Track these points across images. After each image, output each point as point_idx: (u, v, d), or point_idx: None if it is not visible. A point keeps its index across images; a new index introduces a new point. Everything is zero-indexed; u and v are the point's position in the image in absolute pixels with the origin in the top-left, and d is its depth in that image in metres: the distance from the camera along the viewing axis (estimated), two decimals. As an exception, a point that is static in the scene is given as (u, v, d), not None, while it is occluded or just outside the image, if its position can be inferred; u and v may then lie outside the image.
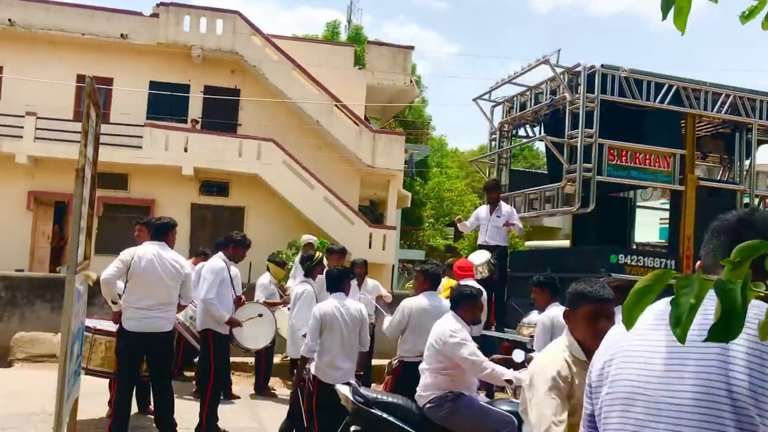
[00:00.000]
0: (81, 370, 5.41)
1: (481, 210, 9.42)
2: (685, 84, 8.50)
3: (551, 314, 6.43)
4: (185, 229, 19.67)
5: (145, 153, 19.05)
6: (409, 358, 6.14)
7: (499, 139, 10.32)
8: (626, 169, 8.21)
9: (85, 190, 4.37)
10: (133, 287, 6.37)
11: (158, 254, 6.46)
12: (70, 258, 4.21)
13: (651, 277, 1.55)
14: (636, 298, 1.59)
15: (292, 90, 20.26)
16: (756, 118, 8.82)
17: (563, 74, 8.39)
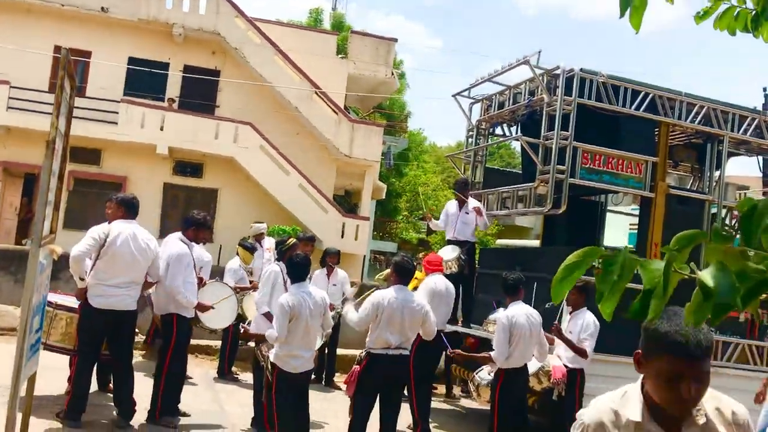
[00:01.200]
0: (40, 345, 5.36)
1: (450, 207, 9.51)
2: (661, 93, 8.58)
3: (510, 313, 6.54)
4: (157, 209, 19.55)
5: (120, 129, 18.85)
6: (376, 350, 6.20)
7: (476, 137, 10.36)
8: (599, 173, 8.26)
9: (55, 163, 4.32)
10: (105, 265, 6.37)
11: (133, 233, 6.48)
12: (35, 230, 4.17)
13: (579, 253, 1.61)
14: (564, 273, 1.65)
15: (272, 74, 20.15)
16: (728, 131, 8.91)
17: (542, 76, 8.44)
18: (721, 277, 1.47)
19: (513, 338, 6.40)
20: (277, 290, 7.33)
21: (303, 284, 6.20)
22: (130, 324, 6.67)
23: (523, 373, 6.64)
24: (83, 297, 6.39)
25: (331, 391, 9.67)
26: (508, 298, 6.77)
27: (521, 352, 6.49)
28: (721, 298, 1.46)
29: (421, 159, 35.50)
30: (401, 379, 6.42)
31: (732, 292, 1.46)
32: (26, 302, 4.09)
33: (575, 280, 1.64)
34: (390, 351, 6.11)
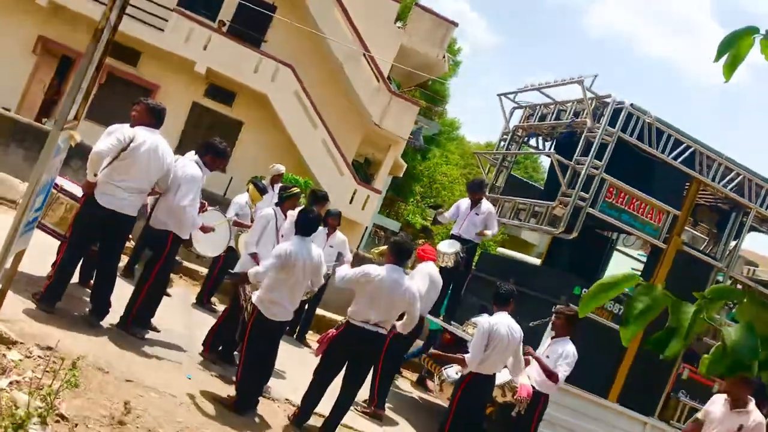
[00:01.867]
0: (35, 224, 5.39)
1: (463, 203, 9.46)
2: (702, 149, 8.49)
3: (493, 321, 6.57)
4: (180, 126, 19.53)
5: (165, 37, 18.75)
6: (355, 321, 6.25)
7: (509, 142, 10.30)
8: (619, 211, 8.22)
9: (97, 53, 4.28)
10: (121, 167, 6.39)
11: (156, 143, 6.51)
12: (60, 112, 4.14)
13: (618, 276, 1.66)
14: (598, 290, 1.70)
15: (327, 25, 19.97)
16: (756, 205, 8.85)
17: (592, 100, 8.36)
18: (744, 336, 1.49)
19: (489, 345, 6.43)
20: (267, 234, 7.36)
21: (306, 239, 6.23)
22: (126, 229, 6.71)
23: (489, 381, 6.66)
24: (90, 191, 6.38)
25: (300, 346, 9.73)
26: (496, 306, 6.78)
27: (494, 361, 6.52)
28: (738, 355, 1.49)
29: (447, 149, 35.24)
30: (372, 356, 6.46)
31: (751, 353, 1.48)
32: (34, 180, 4.11)
33: (607, 298, 1.68)
34: (368, 326, 6.18)
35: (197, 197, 7.00)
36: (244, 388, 6.11)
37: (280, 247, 6.13)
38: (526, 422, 6.99)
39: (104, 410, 4.69)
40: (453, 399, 6.69)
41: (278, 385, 7.16)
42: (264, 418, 6.22)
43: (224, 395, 6.18)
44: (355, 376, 6.39)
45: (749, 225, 9.01)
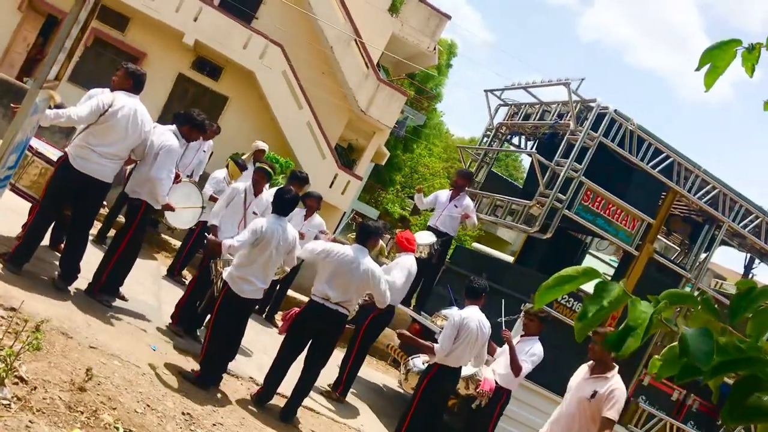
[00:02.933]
0: (8, 183, 5.32)
1: (442, 194, 9.43)
2: (681, 160, 8.57)
3: (464, 314, 6.58)
4: (164, 96, 19.37)
5: (156, 4, 18.58)
6: (316, 298, 6.30)
7: (492, 138, 10.33)
8: (594, 215, 8.25)
9: (83, 13, 4.16)
10: (99, 132, 6.31)
11: (135, 109, 6.43)
12: (41, 71, 4.05)
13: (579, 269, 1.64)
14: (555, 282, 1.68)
15: (321, 7, 19.89)
16: (729, 219, 8.94)
17: (576, 103, 8.38)
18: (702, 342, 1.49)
19: (459, 338, 6.46)
20: (231, 208, 7.33)
21: (282, 218, 6.21)
22: (100, 194, 6.60)
23: (455, 374, 6.68)
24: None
25: (268, 326, 9.70)
26: (468, 300, 6.80)
27: (461, 354, 6.54)
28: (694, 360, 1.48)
29: (431, 141, 35.22)
30: (332, 334, 6.45)
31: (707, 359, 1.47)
32: (8, 138, 4.02)
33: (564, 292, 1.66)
34: (328, 303, 6.22)
35: (173, 168, 6.96)
36: (209, 363, 6.08)
37: (255, 223, 6.09)
38: (486, 416, 7.04)
39: (65, 375, 4.64)
40: (417, 389, 6.71)
41: (244, 363, 7.14)
42: (226, 394, 6.20)
43: (188, 369, 6.15)
44: (316, 356, 6.43)
45: (720, 238, 9.09)
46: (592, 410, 5.26)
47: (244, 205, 7.52)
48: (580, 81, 8.42)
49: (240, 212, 7.51)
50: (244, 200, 7.52)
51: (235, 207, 7.52)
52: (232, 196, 7.52)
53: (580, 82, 8.42)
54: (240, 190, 7.51)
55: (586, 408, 5.32)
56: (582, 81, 8.40)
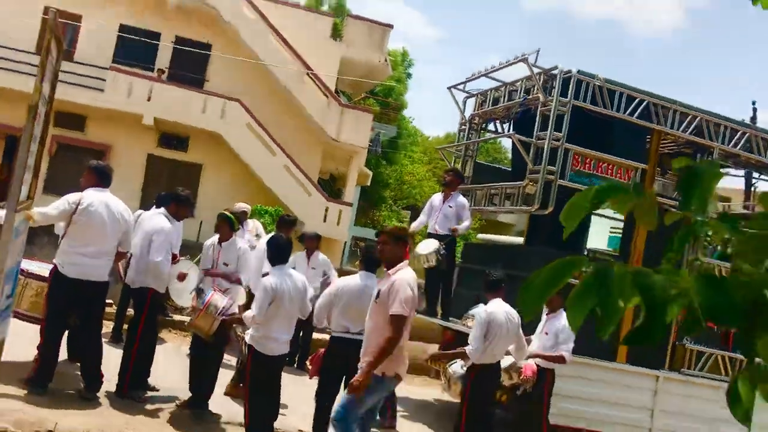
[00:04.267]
0: (11, 312, 5.30)
1: (435, 198, 9.30)
2: (656, 100, 8.52)
3: (489, 309, 6.52)
4: (140, 180, 19.29)
5: (107, 97, 18.53)
6: (336, 333, 6.17)
7: (468, 131, 10.26)
8: (588, 176, 8.18)
9: (37, 128, 4.23)
10: (76, 233, 6.25)
11: (106, 202, 6.38)
12: (10, 194, 4.06)
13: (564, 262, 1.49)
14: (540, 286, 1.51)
15: (264, 52, 19.85)
16: (718, 143, 8.87)
17: (539, 75, 8.35)
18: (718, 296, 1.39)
19: (489, 334, 6.39)
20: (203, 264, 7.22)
21: (284, 267, 6.13)
22: (99, 295, 6.54)
23: (495, 370, 6.62)
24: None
25: (302, 374, 9.56)
26: (489, 295, 6.73)
27: (496, 349, 6.46)
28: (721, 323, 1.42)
29: (409, 149, 35.17)
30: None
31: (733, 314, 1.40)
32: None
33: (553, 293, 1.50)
34: (348, 335, 6.08)
35: (169, 250, 6.90)
36: (255, 428, 6.00)
37: (263, 283, 5.99)
38: (537, 401, 7.01)
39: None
40: (464, 394, 6.63)
41: (288, 417, 7.04)
42: (281, 453, 6.09)
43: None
44: None
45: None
46: (381, 311, 5.19)
47: (212, 258, 7.40)
48: (536, 52, 8.40)
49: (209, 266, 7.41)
50: (212, 253, 7.40)
51: (205, 263, 7.41)
52: (204, 254, 7.42)
53: (537, 54, 8.40)
54: (207, 245, 7.43)
55: (375, 311, 5.28)
56: (538, 52, 8.40)
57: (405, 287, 5.11)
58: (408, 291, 5.10)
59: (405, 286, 5.12)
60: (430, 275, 8.89)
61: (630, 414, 8.17)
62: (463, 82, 10.07)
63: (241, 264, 7.36)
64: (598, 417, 7.97)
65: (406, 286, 5.12)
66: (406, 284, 5.14)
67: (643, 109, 8.44)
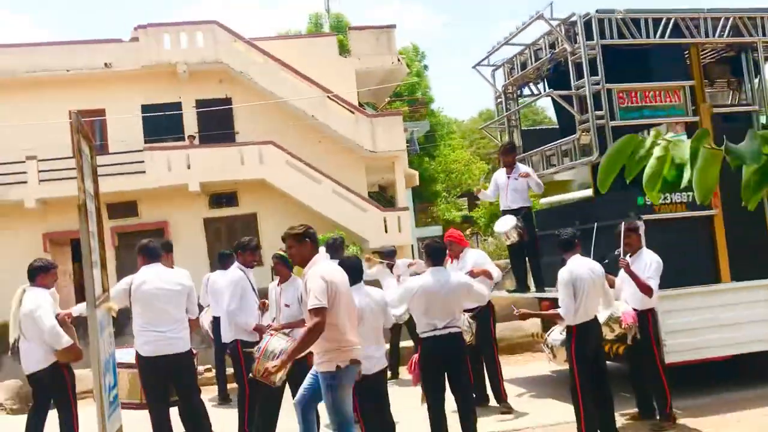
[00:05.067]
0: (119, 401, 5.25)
1: (499, 176, 9.08)
2: (683, 15, 8.17)
3: (570, 268, 6.31)
4: (203, 245, 19.43)
5: (150, 177, 18.74)
6: (424, 333, 6.14)
7: (505, 102, 10.03)
8: (638, 110, 7.97)
9: (92, 225, 4.18)
10: (140, 312, 6.34)
11: (156, 274, 6.45)
12: (87, 292, 4.09)
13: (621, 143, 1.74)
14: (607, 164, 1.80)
15: (282, 89, 19.85)
16: (760, 36, 8.44)
17: (559, 26, 8.13)
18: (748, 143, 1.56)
19: (577, 293, 6.20)
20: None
21: (360, 285, 6.02)
22: (184, 364, 6.53)
23: (594, 326, 6.40)
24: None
25: (401, 384, 9.40)
26: (566, 254, 6.55)
27: (588, 306, 6.28)
28: (749, 160, 1.55)
29: (446, 138, 34.64)
30: (458, 356, 6.24)
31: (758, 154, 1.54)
32: (95, 363, 4.08)
33: (619, 167, 1.74)
34: (438, 332, 6.05)
35: (249, 298, 6.94)
36: None
37: None
38: (646, 344, 6.86)
39: None
40: (570, 358, 6.40)
41: (407, 430, 6.83)
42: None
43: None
44: (459, 384, 6.23)
45: (762, 57, 8.59)
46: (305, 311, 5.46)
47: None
48: (549, 6, 8.21)
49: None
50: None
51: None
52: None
53: (551, 7, 8.21)
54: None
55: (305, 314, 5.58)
56: (552, 4, 8.20)
57: (315, 279, 5.12)
58: (318, 281, 5.08)
59: (315, 278, 5.11)
60: (514, 252, 8.84)
61: (751, 330, 7.81)
62: (486, 56, 9.89)
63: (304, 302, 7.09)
64: (719, 343, 7.68)
65: (316, 278, 5.10)
66: (317, 276, 5.13)
67: (673, 27, 8.10)
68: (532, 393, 8.49)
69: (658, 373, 6.82)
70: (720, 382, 8.14)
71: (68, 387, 6.56)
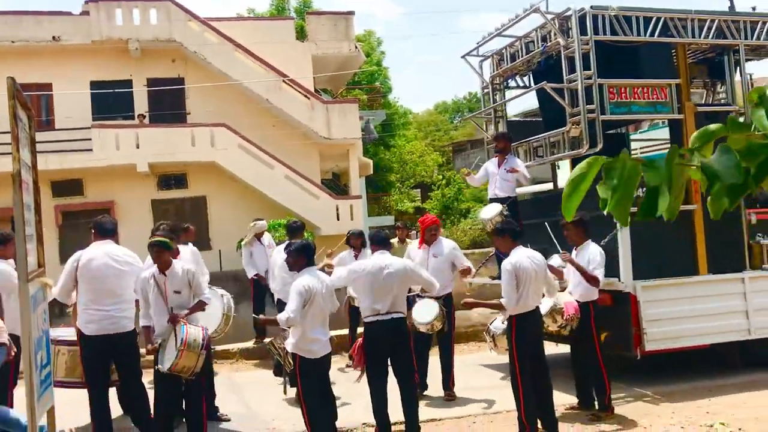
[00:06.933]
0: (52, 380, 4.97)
1: (490, 164, 8.88)
2: (672, 15, 8.25)
3: (514, 258, 6.24)
4: (149, 226, 18.12)
5: (97, 155, 17.46)
6: (368, 318, 6.18)
7: (492, 93, 9.90)
8: (627, 105, 7.90)
9: (27, 196, 3.87)
10: (85, 289, 6.07)
11: (106, 252, 6.17)
12: (19, 267, 3.81)
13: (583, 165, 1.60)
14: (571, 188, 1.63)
15: (236, 71, 18.79)
16: (742, 39, 8.57)
17: (554, 20, 8.08)
18: (725, 158, 1.44)
19: (520, 282, 6.13)
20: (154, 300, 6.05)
21: (313, 268, 5.93)
22: (127, 344, 6.24)
23: (535, 316, 6.36)
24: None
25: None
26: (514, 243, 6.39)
27: (530, 295, 6.21)
28: (727, 179, 1.42)
29: (402, 129, 34.00)
30: (401, 341, 6.25)
31: (737, 170, 1.41)
32: (26, 339, 3.88)
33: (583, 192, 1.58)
34: (380, 317, 6.07)
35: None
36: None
37: (295, 286, 5.72)
38: (588, 335, 6.86)
39: None
40: (510, 347, 6.31)
41: (350, 413, 7.03)
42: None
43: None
44: (402, 369, 6.26)
45: (743, 59, 8.74)
46: None
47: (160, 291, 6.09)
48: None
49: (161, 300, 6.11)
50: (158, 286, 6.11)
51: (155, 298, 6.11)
52: (145, 291, 6.13)
53: (547, 0, 8.24)
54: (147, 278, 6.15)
55: None
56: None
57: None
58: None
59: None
60: None
61: (726, 321, 8.00)
62: (476, 47, 9.84)
63: (196, 285, 6.22)
64: (696, 332, 7.83)
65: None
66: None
67: (662, 27, 8.18)
68: (476, 382, 8.43)
69: (598, 364, 6.79)
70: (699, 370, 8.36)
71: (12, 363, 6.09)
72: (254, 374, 9.80)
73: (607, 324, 7.02)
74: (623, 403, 7.21)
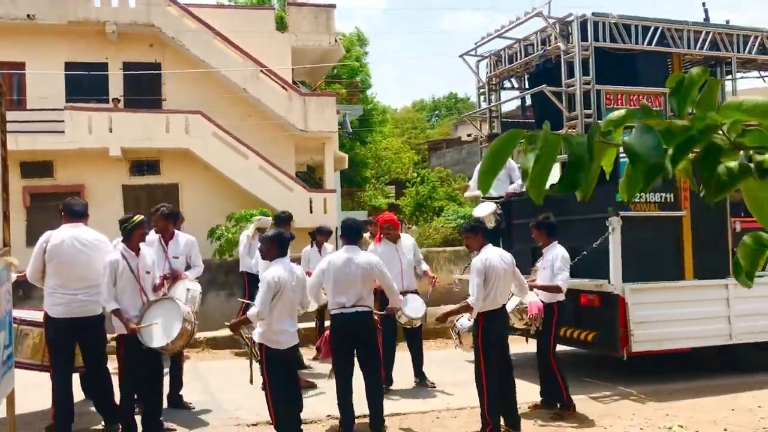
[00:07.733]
0: (13, 362, 4.94)
1: None
2: (669, 25, 8.33)
3: (483, 256, 6.18)
4: (119, 212, 17.56)
5: (69, 137, 16.81)
6: (334, 310, 6.17)
7: (487, 93, 9.85)
8: None
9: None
10: (54, 272, 5.88)
11: (75, 235, 5.97)
12: None
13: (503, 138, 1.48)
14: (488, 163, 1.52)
15: (214, 59, 18.26)
16: (734, 52, 8.72)
17: (555, 25, 8.10)
18: (646, 137, 1.39)
19: (488, 280, 6.09)
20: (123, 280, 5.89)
21: (284, 259, 5.77)
22: (93, 329, 6.03)
23: (501, 314, 6.30)
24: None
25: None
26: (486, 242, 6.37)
27: (497, 294, 6.17)
28: (648, 158, 1.38)
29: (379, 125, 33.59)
30: (367, 334, 6.26)
31: (658, 151, 1.38)
32: None
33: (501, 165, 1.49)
34: (346, 310, 6.09)
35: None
36: (283, 423, 5.70)
37: (265, 278, 5.57)
38: (545, 335, 6.89)
39: None
40: (476, 345, 6.22)
41: (315, 405, 6.99)
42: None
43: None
44: (367, 361, 6.28)
45: (735, 71, 8.91)
46: None
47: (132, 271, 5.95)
48: (548, 4, 8.22)
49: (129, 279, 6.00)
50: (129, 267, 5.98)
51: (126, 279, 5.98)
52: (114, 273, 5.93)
53: (549, 5, 8.21)
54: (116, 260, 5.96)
55: None
56: (550, 3, 8.23)
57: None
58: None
59: None
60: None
61: (709, 326, 8.07)
62: (475, 47, 9.79)
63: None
64: (680, 335, 7.89)
65: None
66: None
67: (660, 36, 8.26)
68: (440, 378, 8.30)
69: (549, 362, 6.81)
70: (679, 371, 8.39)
71: None
72: (220, 364, 9.58)
73: (596, 325, 7.02)
74: (587, 401, 7.22)
